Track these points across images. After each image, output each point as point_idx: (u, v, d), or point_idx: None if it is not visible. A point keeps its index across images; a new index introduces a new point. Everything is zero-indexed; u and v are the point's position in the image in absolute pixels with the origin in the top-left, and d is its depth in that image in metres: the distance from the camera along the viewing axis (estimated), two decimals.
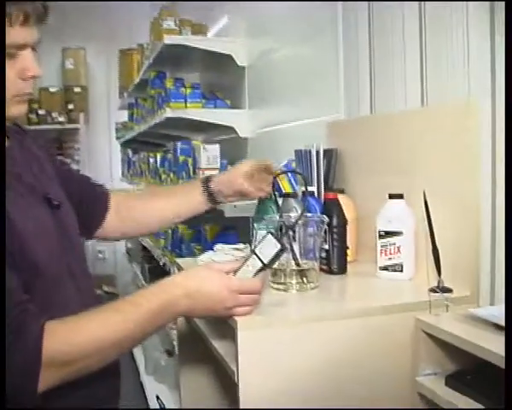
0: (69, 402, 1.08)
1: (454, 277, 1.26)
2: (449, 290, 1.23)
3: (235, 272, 1.13)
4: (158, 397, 3.28)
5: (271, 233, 1.15)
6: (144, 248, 4.11)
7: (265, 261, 1.13)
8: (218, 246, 1.65)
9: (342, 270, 1.49)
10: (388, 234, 1.40)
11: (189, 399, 1.67)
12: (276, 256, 1.14)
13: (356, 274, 1.50)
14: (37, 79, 1.09)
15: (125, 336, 1.03)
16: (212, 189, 1.45)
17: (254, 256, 1.14)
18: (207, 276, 1.10)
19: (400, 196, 1.40)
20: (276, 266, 1.24)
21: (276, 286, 1.33)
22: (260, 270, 1.13)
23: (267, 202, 1.66)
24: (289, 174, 1.93)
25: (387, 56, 1.63)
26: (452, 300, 1.19)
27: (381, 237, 1.41)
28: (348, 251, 1.53)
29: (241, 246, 1.71)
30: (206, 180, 1.46)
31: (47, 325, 0.97)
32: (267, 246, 1.14)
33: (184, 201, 1.45)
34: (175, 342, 2.70)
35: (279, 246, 1.14)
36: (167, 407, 3.16)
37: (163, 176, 3.36)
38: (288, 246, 1.27)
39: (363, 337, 1.16)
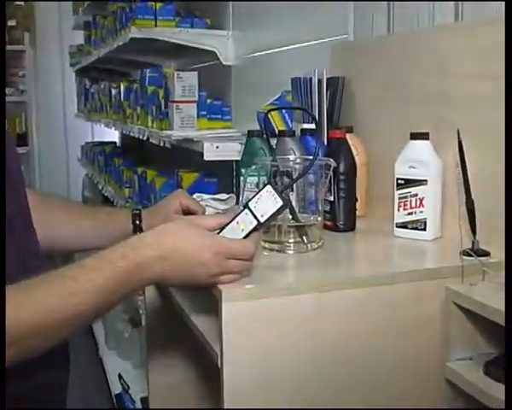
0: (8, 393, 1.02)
1: (492, 237, 1.21)
2: (486, 254, 1.19)
3: (221, 230, 1.08)
4: (120, 377, 3.26)
5: (271, 184, 1.09)
6: (106, 198, 4.06)
7: (262, 220, 1.07)
8: (197, 196, 1.61)
9: (350, 227, 1.46)
10: (409, 183, 1.35)
11: (158, 380, 1.63)
12: (276, 214, 1.08)
13: (367, 232, 1.47)
14: None
15: (84, 309, 0.97)
16: (142, 227, 1.42)
17: (247, 212, 1.08)
18: (187, 233, 1.04)
19: (425, 136, 1.35)
20: None
21: (268, 246, 1.27)
22: (254, 229, 1.07)
23: (257, 142, 1.62)
24: (283, 111, 1.88)
25: None
26: (490, 265, 1.15)
27: (399, 186, 1.37)
28: (357, 204, 1.51)
29: (223, 196, 1.68)
30: (135, 217, 1.42)
31: None
32: (265, 200, 1.07)
33: (111, 234, 1.40)
34: (141, 311, 2.67)
35: (280, 202, 1.07)
36: (132, 388, 3.14)
37: (128, 111, 3.33)
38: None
39: (378, 311, 1.12)
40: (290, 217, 1.26)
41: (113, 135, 5.18)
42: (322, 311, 1.09)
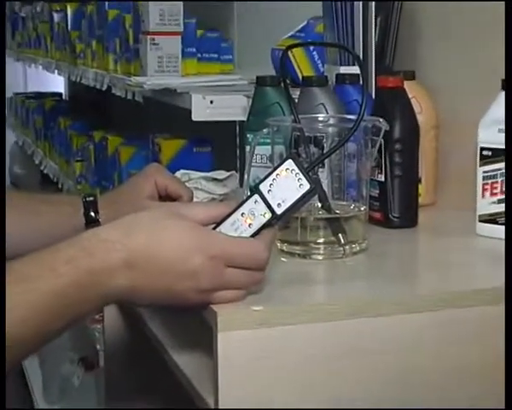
0: None
1: None
2: None
3: (218, 224, 1.09)
4: None
5: (293, 158, 1.10)
6: (46, 178, 4.08)
7: (279, 211, 1.08)
8: (182, 174, 1.64)
9: (409, 221, 1.48)
10: (499, 155, 1.36)
11: None
12: (300, 202, 1.10)
13: (435, 229, 1.50)
14: None
15: (12, 336, 0.98)
16: (99, 220, 1.47)
17: (257, 199, 1.09)
18: (167, 228, 1.05)
19: None
20: None
21: (287, 249, 1.29)
22: (267, 225, 1.09)
23: (271, 93, 1.63)
24: (311, 48, 1.89)
25: None
26: None
27: (484, 160, 1.38)
28: (420, 187, 1.53)
29: (221, 174, 1.69)
30: (89, 207, 1.47)
31: None
32: (283, 182, 1.09)
33: (53, 233, 1.44)
34: (98, 346, 2.69)
35: (306, 184, 1.08)
36: None
37: (78, 47, 3.34)
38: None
39: (448, 345, 1.13)
40: (319, 206, 1.28)
41: (56, 83, 5.20)
42: (366, 344, 1.10)
